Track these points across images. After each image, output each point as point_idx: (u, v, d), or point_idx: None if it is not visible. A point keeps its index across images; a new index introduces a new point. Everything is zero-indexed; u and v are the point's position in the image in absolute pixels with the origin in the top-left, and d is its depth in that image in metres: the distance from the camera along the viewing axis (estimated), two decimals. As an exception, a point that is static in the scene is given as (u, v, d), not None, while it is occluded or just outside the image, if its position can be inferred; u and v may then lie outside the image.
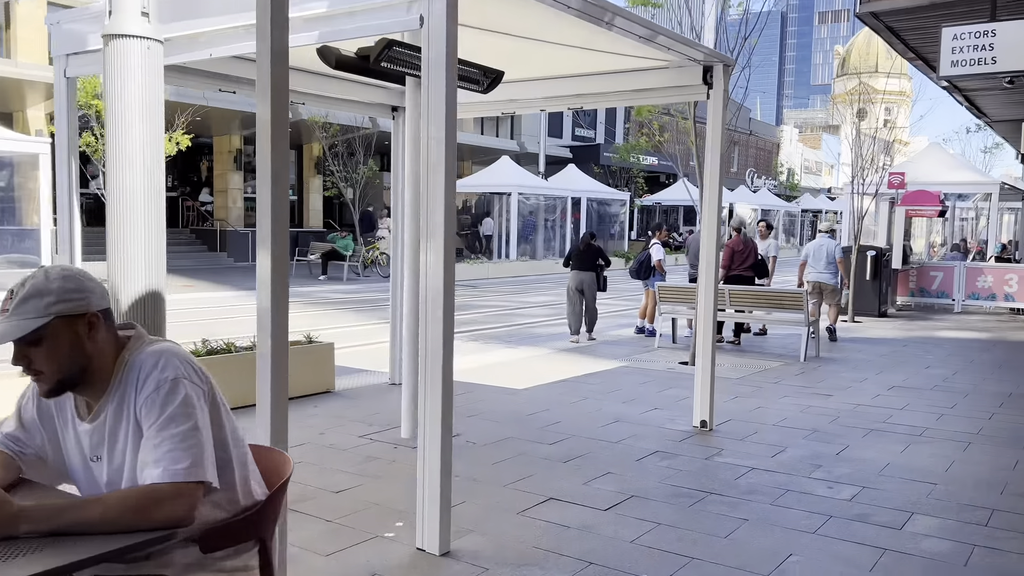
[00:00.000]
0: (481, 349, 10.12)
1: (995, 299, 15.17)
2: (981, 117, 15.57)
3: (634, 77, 6.02)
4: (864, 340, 11.35)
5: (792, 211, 44.44)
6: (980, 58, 6.48)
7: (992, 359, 9.81)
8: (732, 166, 48.88)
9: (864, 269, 14.38)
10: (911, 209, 15.27)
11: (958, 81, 11.85)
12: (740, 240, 10.86)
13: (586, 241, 11.23)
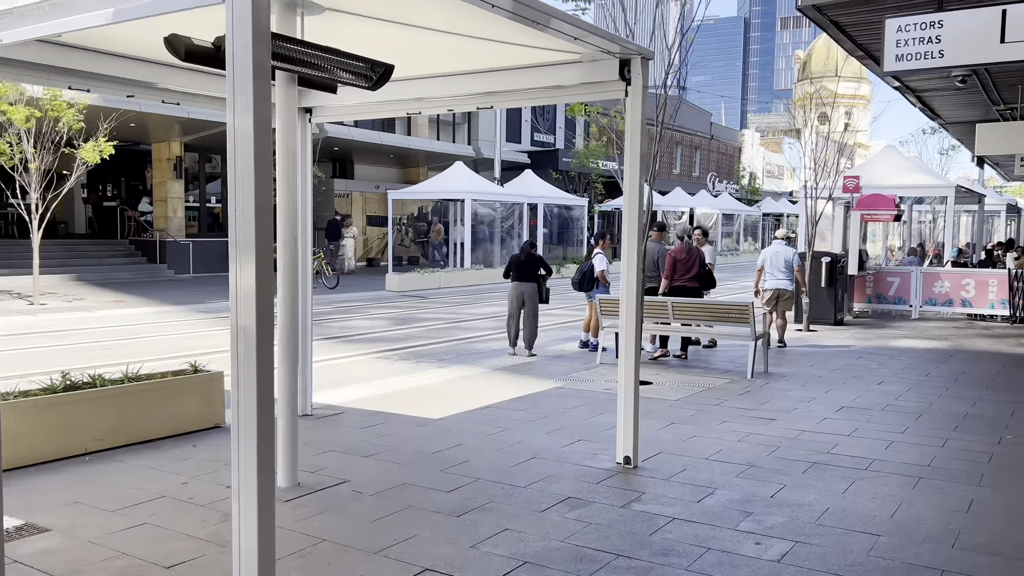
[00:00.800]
0: (410, 369, 9.41)
1: (952, 305, 14.81)
2: (935, 119, 15.24)
3: (547, 73, 5.38)
4: (818, 351, 10.84)
5: (753, 214, 44.32)
6: (927, 51, 5.94)
7: (948, 372, 9.32)
8: (694, 170, 48.71)
9: (819, 276, 13.93)
10: (866, 213, 14.86)
11: (909, 80, 11.42)
12: (683, 248, 10.29)
13: (526, 250, 10.59)
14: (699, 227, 12.01)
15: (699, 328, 9.51)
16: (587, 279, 10.92)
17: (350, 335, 12.28)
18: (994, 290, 14.43)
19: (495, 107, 5.95)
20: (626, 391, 5.37)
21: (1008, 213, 27.67)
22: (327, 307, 16.19)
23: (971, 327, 13.76)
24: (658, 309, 9.47)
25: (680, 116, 47.69)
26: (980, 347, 11.38)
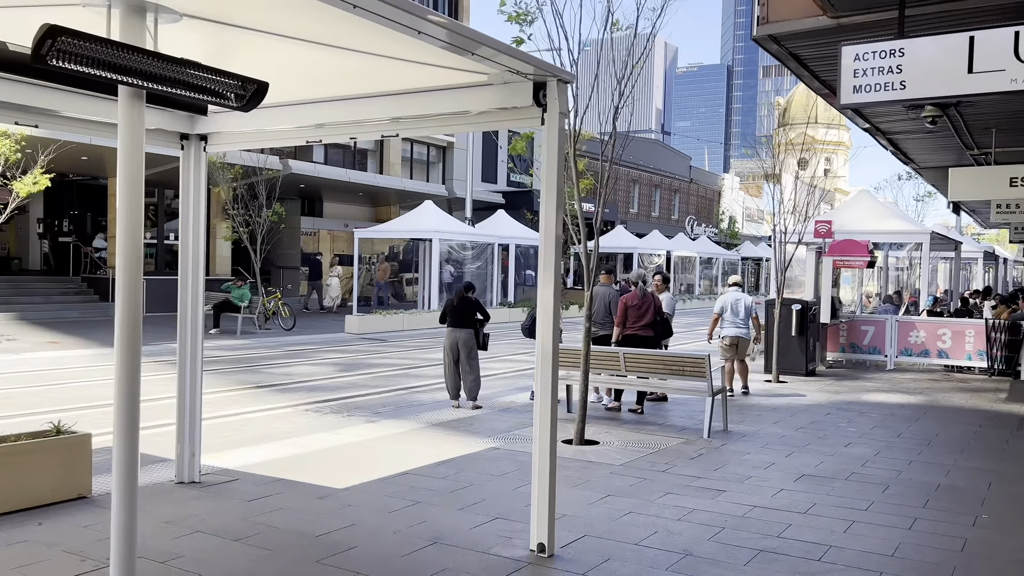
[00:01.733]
0: (337, 424, 8.58)
1: (928, 355, 14.19)
2: (908, 163, 14.79)
3: (456, 97, 4.71)
4: (784, 406, 10.11)
5: (732, 258, 43.95)
6: (887, 82, 5.35)
7: (922, 432, 8.61)
8: (673, 213, 48.46)
9: (789, 324, 13.28)
10: (839, 259, 14.30)
11: (878, 121, 10.93)
12: (636, 295, 9.61)
13: (460, 294, 9.87)
14: (659, 273, 11.39)
15: (652, 382, 8.77)
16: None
17: (286, 383, 11.44)
18: (971, 340, 13.83)
19: (400, 134, 5.27)
20: (540, 465, 4.60)
21: (985, 260, 27.34)
22: (275, 351, 15.35)
23: (947, 379, 13.11)
24: (609, 360, 8.74)
25: (659, 159, 47.64)
26: (956, 402, 10.71)
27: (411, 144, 30.62)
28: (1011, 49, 4.93)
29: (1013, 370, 13.34)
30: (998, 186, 10.99)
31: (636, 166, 44.50)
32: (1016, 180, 10.90)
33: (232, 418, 8.85)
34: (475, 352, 9.88)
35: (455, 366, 9.74)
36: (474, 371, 9.83)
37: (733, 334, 11.02)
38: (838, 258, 14.21)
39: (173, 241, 24.00)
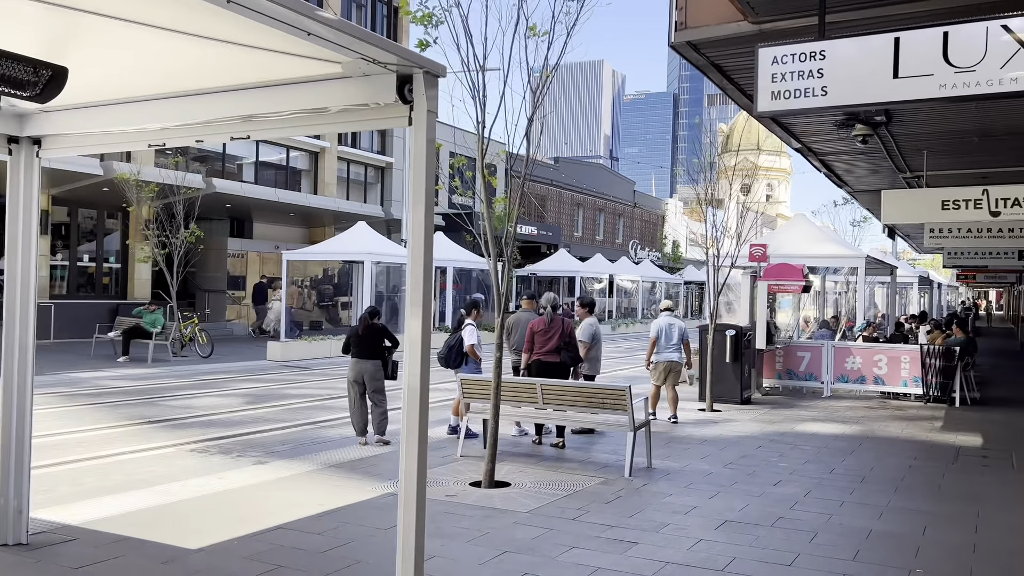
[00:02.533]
0: (223, 466, 7.71)
1: (864, 382, 13.87)
2: (843, 186, 14.57)
3: (309, 91, 4.01)
4: (714, 438, 9.55)
5: (675, 282, 43.96)
6: (807, 88, 4.84)
7: (856, 468, 8.12)
8: (617, 237, 48.38)
9: (724, 350, 12.81)
10: (774, 284, 13.94)
11: (810, 141, 10.58)
12: (543, 320, 9.01)
13: (365, 321, 9.13)
14: (580, 299, 10.83)
15: (571, 415, 8.10)
16: (455, 354, 9.48)
17: (182, 418, 10.47)
18: (907, 367, 13.56)
19: (252, 136, 4.54)
20: (406, 522, 3.86)
21: (920, 285, 27.59)
22: (184, 381, 14.30)
23: (884, 407, 12.77)
24: (526, 392, 8.06)
25: (604, 184, 47.63)
26: (892, 432, 10.30)
27: (347, 164, 29.80)
28: (939, 52, 4.47)
29: (948, 396, 13.08)
30: (930, 209, 10.72)
31: (580, 190, 44.36)
32: (948, 203, 10.64)
33: (105, 460, 7.90)
34: (381, 384, 9.15)
35: (361, 400, 8.99)
36: (382, 404, 9.09)
37: (667, 359, 10.76)
38: (773, 282, 13.85)
39: (88, 263, 22.68)
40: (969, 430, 10.53)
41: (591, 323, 10.13)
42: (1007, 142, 10.10)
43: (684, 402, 12.78)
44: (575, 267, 34.60)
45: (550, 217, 41.15)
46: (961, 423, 11.12)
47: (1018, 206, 10.18)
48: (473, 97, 7.15)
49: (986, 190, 10.37)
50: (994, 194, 10.32)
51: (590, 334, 10.03)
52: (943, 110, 8.47)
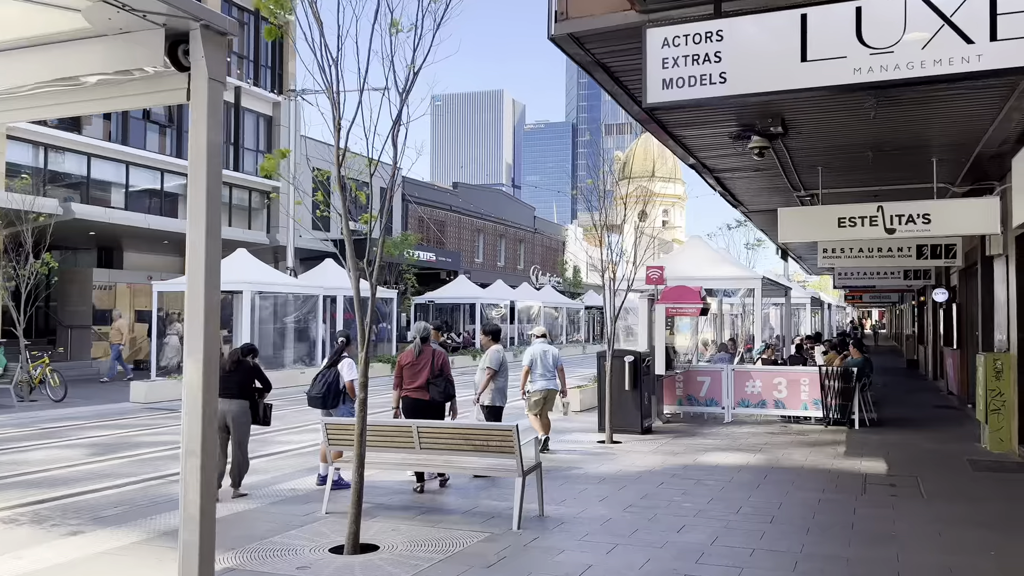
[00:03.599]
0: (28, 540, 6.33)
1: (765, 406, 13.51)
2: (738, 206, 14.29)
3: (49, 55, 2.95)
4: (614, 475, 8.77)
5: (576, 307, 43.79)
6: (704, 75, 4.15)
7: (763, 504, 7.47)
8: (518, 263, 47.93)
9: (622, 377, 12.15)
10: (671, 307, 13.43)
11: (705, 157, 10.09)
12: (410, 353, 8.11)
13: (235, 357, 7.96)
14: (484, 327, 9.97)
15: (453, 460, 7.12)
16: (332, 393, 8.38)
17: (3, 477, 8.90)
18: (806, 389, 13.27)
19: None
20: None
21: (812, 306, 28.11)
22: (26, 430, 12.49)
23: (786, 432, 12.38)
24: (399, 436, 7.05)
25: (504, 209, 47.19)
26: (796, 461, 9.80)
27: (230, 188, 28.04)
28: (852, 30, 3.86)
29: (847, 418, 12.84)
30: (827, 227, 10.40)
31: (481, 215, 43.72)
32: (844, 220, 10.33)
33: None
34: (246, 429, 8.01)
35: (223, 447, 7.81)
36: (243, 451, 7.93)
37: (543, 387, 10.18)
38: (671, 305, 13.34)
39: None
40: (872, 455, 10.17)
41: (497, 350, 9.35)
42: (900, 158, 9.90)
43: (582, 434, 12.06)
44: (475, 294, 33.76)
45: (450, 243, 40.26)
46: (863, 447, 10.77)
47: (912, 223, 9.96)
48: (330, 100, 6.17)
49: (881, 207, 10.12)
50: (889, 211, 10.08)
51: (497, 361, 9.24)
52: (840, 120, 8.08)
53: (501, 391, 9.30)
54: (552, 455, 10.02)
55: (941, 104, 7.50)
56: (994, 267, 11.55)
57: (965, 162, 9.89)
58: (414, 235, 32.18)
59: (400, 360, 8.34)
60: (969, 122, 8.05)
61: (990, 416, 10.55)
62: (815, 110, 7.77)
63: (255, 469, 9.40)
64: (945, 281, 19.05)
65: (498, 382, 9.25)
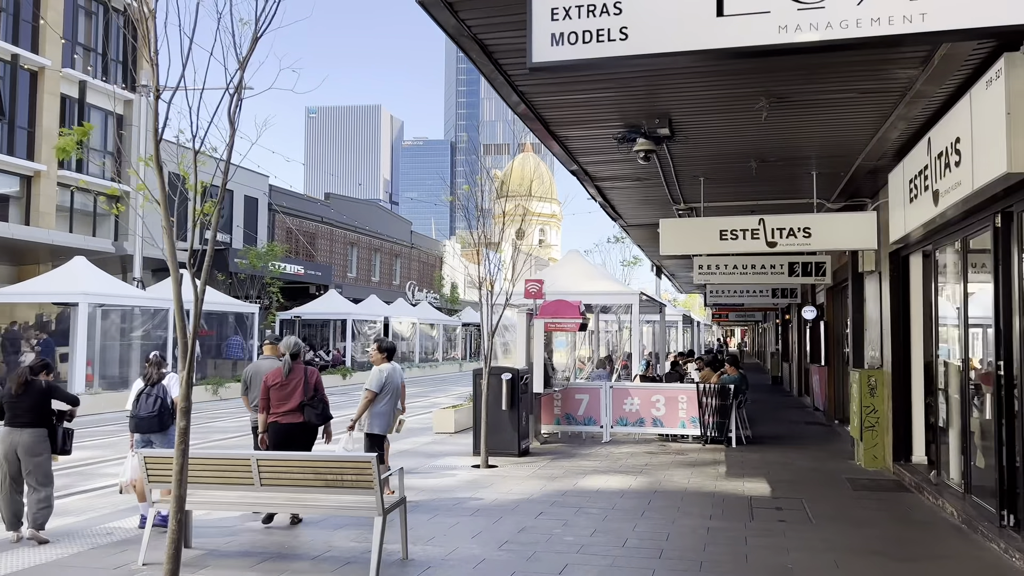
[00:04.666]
0: None
1: (643, 424, 13.12)
2: (617, 219, 13.93)
3: None
4: (489, 506, 7.95)
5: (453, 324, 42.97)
6: (602, 29, 3.44)
7: (650, 536, 6.84)
8: (394, 278, 46.62)
9: (499, 396, 11.39)
10: (550, 322, 12.84)
11: (586, 161, 9.53)
12: (279, 372, 7.06)
13: (23, 376, 6.60)
14: (378, 342, 8.69)
15: (299, 497, 6.07)
16: (166, 413, 7.15)
17: None
18: (684, 407, 12.98)
19: None
20: None
21: (684, 324, 28.52)
22: None
23: (665, 451, 11.98)
24: (235, 471, 5.94)
25: (380, 223, 45.81)
26: (679, 483, 9.32)
27: (71, 192, 25.42)
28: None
29: (725, 436, 12.62)
30: (708, 239, 10.09)
31: (354, 228, 42.15)
32: (726, 233, 10.06)
33: None
34: (48, 460, 6.68)
35: (15, 482, 6.48)
36: (44, 488, 6.60)
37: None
38: (550, 320, 12.76)
39: None
40: (753, 475, 9.85)
41: (380, 370, 8.20)
42: (781, 170, 9.71)
43: (456, 458, 11.20)
44: (347, 309, 32.28)
45: (321, 256, 38.49)
46: (743, 467, 10.47)
47: (793, 236, 9.78)
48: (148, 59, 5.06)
49: (762, 219, 9.90)
50: (770, 224, 9.87)
51: (377, 382, 8.10)
52: (729, 123, 7.69)
53: (381, 416, 8.15)
54: (421, 482, 9.10)
55: (831, 109, 7.23)
56: (866, 284, 11.64)
57: (843, 176, 9.81)
58: (281, 246, 30.38)
59: (266, 380, 7.25)
60: (855, 130, 7.86)
61: (865, 433, 10.50)
62: (705, 110, 7.33)
63: (68, 509, 8.02)
64: (811, 300, 19.57)
65: (378, 406, 8.15)
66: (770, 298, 20.90)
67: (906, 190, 8.32)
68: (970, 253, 7.60)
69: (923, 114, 7.15)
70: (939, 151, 6.96)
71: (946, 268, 8.53)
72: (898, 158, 8.73)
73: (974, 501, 7.32)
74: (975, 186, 6.06)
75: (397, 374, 8.31)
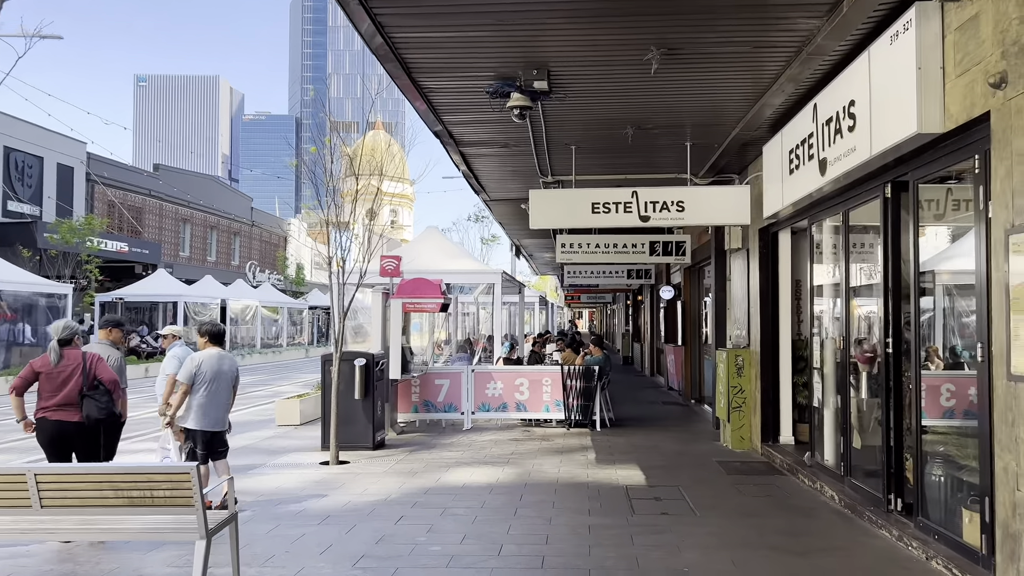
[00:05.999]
0: None
1: (506, 409, 12.43)
2: (481, 192, 13.08)
3: None
4: (341, 511, 6.88)
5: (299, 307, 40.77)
6: None
7: (528, 540, 6.06)
8: (232, 258, 43.58)
9: (352, 384, 10.28)
10: (409, 302, 11.81)
11: (453, 123, 8.57)
12: (46, 360, 5.79)
13: None
14: (200, 327, 7.29)
15: (94, 522, 4.76)
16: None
17: None
18: (548, 391, 12.40)
19: None
20: None
21: (540, 305, 28.26)
22: None
23: (530, 437, 11.33)
24: (7, 488, 4.56)
25: (216, 198, 42.55)
26: (550, 473, 8.64)
27: None
28: None
29: (589, 420, 12.15)
30: (580, 212, 9.44)
31: (188, 203, 38.86)
32: (598, 206, 9.45)
33: None
34: None
35: None
36: None
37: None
38: (409, 300, 11.72)
39: None
40: (624, 461, 9.35)
41: (192, 357, 6.91)
42: (657, 140, 9.19)
43: (302, 454, 10.00)
44: (178, 291, 29.57)
45: (149, 233, 35.16)
46: (612, 452, 9.97)
47: (667, 210, 9.32)
48: None
49: (635, 192, 9.37)
50: (643, 197, 9.35)
51: (188, 373, 6.77)
52: (612, 77, 6.98)
53: (199, 410, 6.86)
54: (260, 485, 7.88)
55: (721, 66, 6.68)
56: (732, 262, 11.46)
57: (717, 148, 9.44)
58: (100, 220, 27.28)
59: (33, 364, 5.85)
60: (740, 93, 7.39)
61: (732, 414, 10.29)
62: (589, 61, 6.58)
63: None
64: (667, 280, 19.66)
65: (196, 398, 6.84)
66: (625, 279, 20.84)
67: (785, 161, 7.99)
68: (851, 227, 7.34)
69: (812, 77, 6.75)
70: (828, 117, 6.57)
71: (823, 243, 8.31)
72: (774, 130, 8.41)
73: (854, 483, 7.09)
74: (873, 151, 5.67)
75: (224, 361, 7.04)
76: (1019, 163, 4.18)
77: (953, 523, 5.31)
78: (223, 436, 7.13)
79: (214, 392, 6.91)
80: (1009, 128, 4.25)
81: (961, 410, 5.60)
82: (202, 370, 6.89)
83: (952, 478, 5.52)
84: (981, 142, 4.79)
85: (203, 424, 6.86)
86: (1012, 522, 4.17)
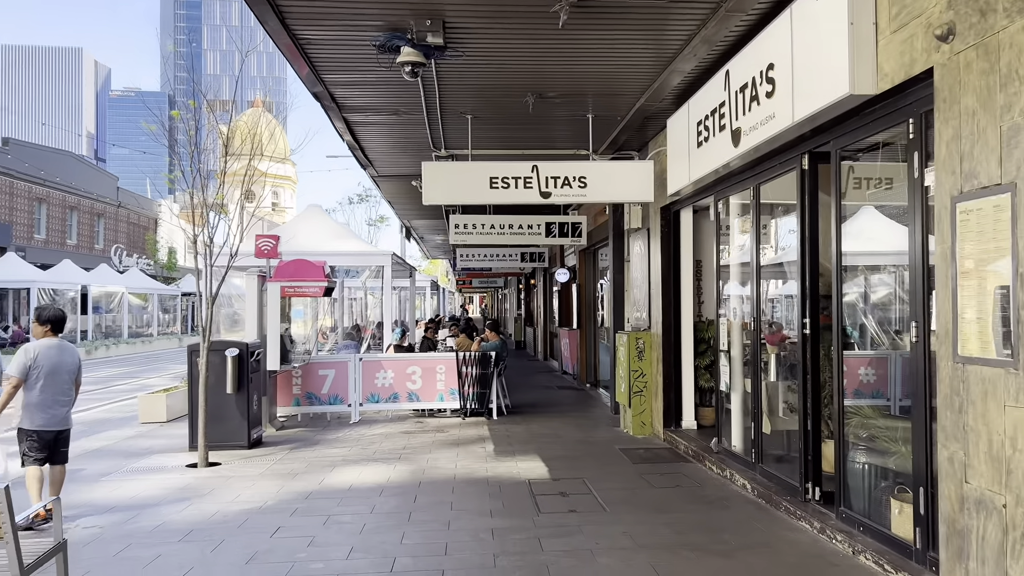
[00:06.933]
0: None
1: (398, 399, 11.65)
2: (368, 167, 12.16)
3: None
4: (207, 524, 5.97)
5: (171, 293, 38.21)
6: None
7: (425, 551, 5.37)
8: (96, 241, 40.33)
9: (223, 377, 9.25)
10: (289, 285, 10.81)
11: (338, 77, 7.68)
12: None
13: None
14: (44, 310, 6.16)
15: None
16: None
17: None
18: (442, 378, 11.71)
19: None
20: None
21: (432, 290, 27.45)
22: None
23: (423, 429, 10.61)
24: None
25: (77, 177, 39.17)
26: (446, 469, 7.96)
27: None
28: None
29: (486, 408, 11.56)
30: (478, 187, 8.76)
31: (43, 181, 35.53)
32: (497, 181, 8.80)
33: None
34: None
35: None
36: None
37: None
38: (288, 284, 10.72)
39: None
40: (524, 452, 8.80)
41: (25, 349, 5.92)
42: (560, 109, 8.61)
43: (166, 455, 8.92)
44: (31, 276, 26.92)
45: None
46: (512, 443, 9.41)
47: (568, 186, 8.77)
48: None
49: (536, 167, 8.77)
50: (544, 172, 8.77)
51: (21, 366, 5.72)
52: (514, 34, 6.31)
53: (35, 408, 5.89)
54: (113, 494, 6.82)
55: (633, 24, 6.14)
56: (631, 243, 11.08)
57: (620, 120, 8.97)
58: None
59: None
60: (649, 57, 6.88)
61: (633, 398, 9.92)
62: (490, 13, 5.88)
63: None
64: (560, 262, 19.29)
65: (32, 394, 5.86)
66: (519, 262, 20.35)
67: (692, 134, 7.58)
68: (762, 204, 7.00)
69: (727, 40, 6.32)
70: (743, 83, 6.16)
71: (731, 221, 7.97)
72: (680, 102, 8.00)
73: (765, 470, 6.79)
74: (796, 117, 5.26)
75: (65, 353, 6.02)
76: (968, 124, 3.81)
77: (880, 514, 5.01)
78: (67, 436, 6.20)
79: (52, 386, 5.94)
80: (957, 85, 3.88)
81: (888, 393, 5.31)
82: (38, 362, 5.91)
83: (877, 466, 5.23)
84: (917, 104, 4.44)
85: (41, 423, 5.89)
86: (959, 517, 3.82)
